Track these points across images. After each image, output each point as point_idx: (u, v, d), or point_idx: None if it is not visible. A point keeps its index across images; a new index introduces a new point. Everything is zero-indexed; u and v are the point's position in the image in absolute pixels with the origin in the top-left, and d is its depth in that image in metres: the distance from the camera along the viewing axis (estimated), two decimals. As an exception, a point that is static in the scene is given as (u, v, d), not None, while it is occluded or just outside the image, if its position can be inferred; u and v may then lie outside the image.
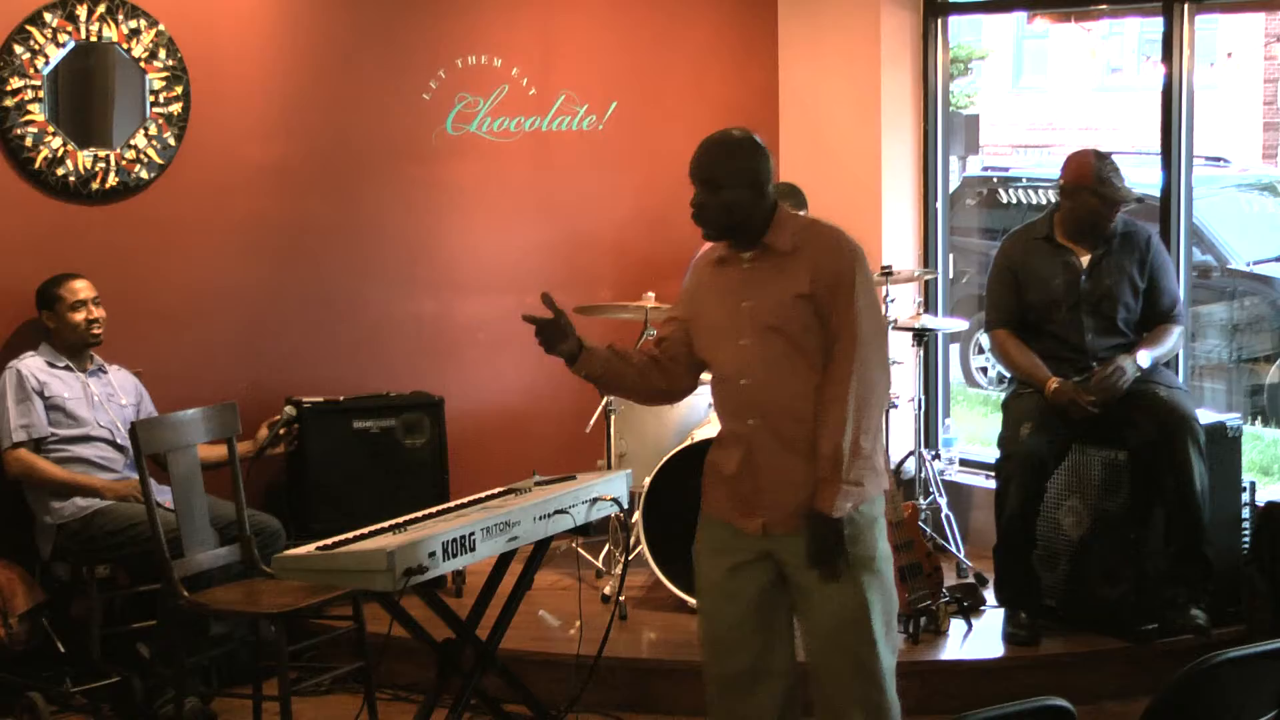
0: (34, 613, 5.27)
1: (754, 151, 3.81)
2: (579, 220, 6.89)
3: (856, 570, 3.71)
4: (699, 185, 3.79)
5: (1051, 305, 5.44)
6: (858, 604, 3.72)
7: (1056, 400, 5.29)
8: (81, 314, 5.43)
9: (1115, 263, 5.43)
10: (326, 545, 4.07)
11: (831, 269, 3.72)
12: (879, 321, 3.82)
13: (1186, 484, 5.18)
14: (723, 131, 3.85)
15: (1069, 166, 5.46)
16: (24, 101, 5.57)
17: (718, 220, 3.80)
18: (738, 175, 3.75)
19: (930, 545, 5.69)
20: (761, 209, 3.79)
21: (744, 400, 3.81)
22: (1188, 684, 2.85)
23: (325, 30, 6.29)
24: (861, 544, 3.71)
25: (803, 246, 3.76)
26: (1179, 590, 5.25)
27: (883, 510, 3.84)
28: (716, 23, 7.16)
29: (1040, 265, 5.46)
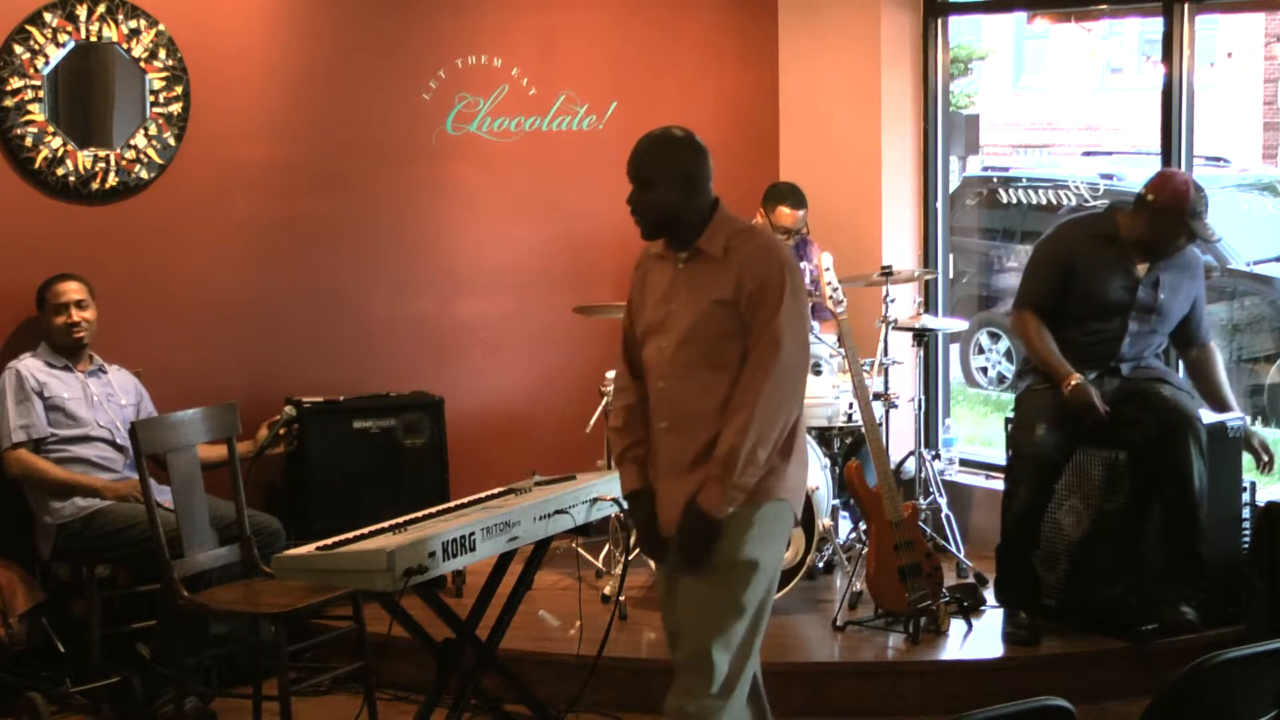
0: (34, 613, 5.28)
1: (690, 150, 3.80)
2: (579, 220, 6.89)
3: (727, 570, 3.72)
4: (633, 182, 3.80)
5: (1103, 305, 5.39)
6: (716, 600, 3.73)
7: (1074, 398, 5.24)
8: (62, 317, 5.42)
9: (1170, 280, 5.41)
10: (326, 545, 4.08)
11: (758, 278, 3.70)
12: (801, 337, 3.77)
13: (1186, 482, 5.18)
14: (663, 129, 3.84)
15: (1165, 187, 5.31)
16: (24, 101, 5.58)
17: (651, 218, 3.80)
18: (672, 173, 3.75)
19: (930, 545, 5.69)
20: (696, 209, 3.78)
21: (659, 402, 3.84)
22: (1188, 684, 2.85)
23: (325, 30, 6.29)
24: (742, 544, 3.71)
25: (734, 252, 3.74)
26: (1171, 588, 5.26)
27: (786, 522, 3.81)
28: (716, 23, 7.16)
29: (1101, 263, 5.39)
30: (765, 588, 3.79)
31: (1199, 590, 5.27)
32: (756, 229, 3.89)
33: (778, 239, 3.93)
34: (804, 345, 3.82)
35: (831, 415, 6.01)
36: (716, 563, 3.73)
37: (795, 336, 3.72)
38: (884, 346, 6.04)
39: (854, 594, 5.67)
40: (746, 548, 3.73)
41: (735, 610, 3.73)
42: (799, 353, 3.76)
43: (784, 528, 3.84)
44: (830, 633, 5.53)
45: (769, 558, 3.78)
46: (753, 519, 3.73)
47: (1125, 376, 5.41)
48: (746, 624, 3.75)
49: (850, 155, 7.02)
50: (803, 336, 3.79)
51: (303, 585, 4.62)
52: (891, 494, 5.43)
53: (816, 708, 5.19)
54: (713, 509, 3.67)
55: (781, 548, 3.89)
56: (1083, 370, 5.36)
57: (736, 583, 3.73)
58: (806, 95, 7.16)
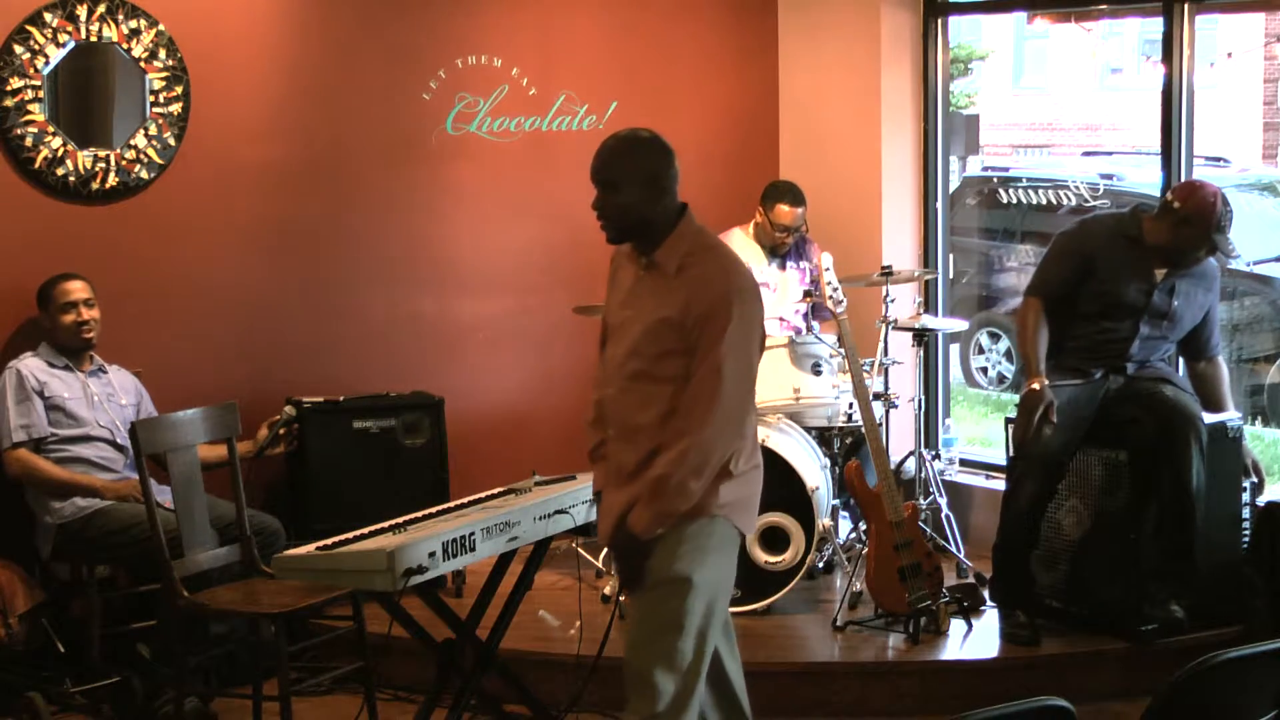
0: (34, 613, 5.27)
1: (655, 152, 3.75)
2: (579, 220, 6.79)
3: (662, 588, 3.70)
4: (597, 186, 3.76)
5: (1118, 305, 5.38)
6: (653, 618, 3.72)
7: (1028, 402, 5.19)
8: (71, 315, 5.42)
9: (1186, 289, 5.40)
10: (326, 545, 4.08)
11: (706, 302, 3.63)
12: (744, 367, 3.69)
13: (1184, 482, 5.17)
14: (627, 130, 3.79)
15: (1193, 196, 5.27)
16: (24, 101, 5.57)
17: (617, 222, 3.77)
18: (636, 176, 3.71)
19: (930, 545, 5.69)
20: (661, 213, 3.73)
21: (606, 409, 3.84)
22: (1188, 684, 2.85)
23: (325, 30, 6.29)
24: (673, 561, 3.68)
25: (687, 271, 3.68)
26: (1161, 585, 5.26)
27: (722, 538, 3.76)
28: (716, 23, 7.16)
29: (1121, 263, 5.36)
30: (704, 603, 3.72)
31: (1189, 590, 5.26)
32: (716, 247, 3.79)
33: (739, 259, 3.82)
34: (747, 374, 3.72)
35: (831, 415, 6.01)
36: (651, 581, 3.71)
37: (738, 366, 3.65)
38: (884, 346, 6.04)
39: (854, 594, 5.67)
40: (677, 565, 3.69)
41: (674, 628, 3.70)
42: (741, 382, 3.69)
43: (720, 544, 3.77)
44: (830, 633, 5.53)
45: (705, 574, 3.71)
46: (682, 536, 3.69)
47: (1130, 376, 5.41)
48: (688, 641, 3.70)
49: (850, 155, 7.02)
50: (746, 366, 3.70)
51: (303, 585, 4.62)
52: (891, 494, 5.43)
53: (816, 708, 5.20)
54: (640, 530, 3.66)
55: (720, 563, 3.80)
56: (1090, 369, 5.37)
57: (671, 599, 3.70)
58: (806, 95, 7.16)
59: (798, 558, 5.59)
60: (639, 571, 3.73)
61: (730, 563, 3.87)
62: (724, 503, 3.74)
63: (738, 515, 3.80)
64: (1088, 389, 5.38)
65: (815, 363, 5.94)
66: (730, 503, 3.76)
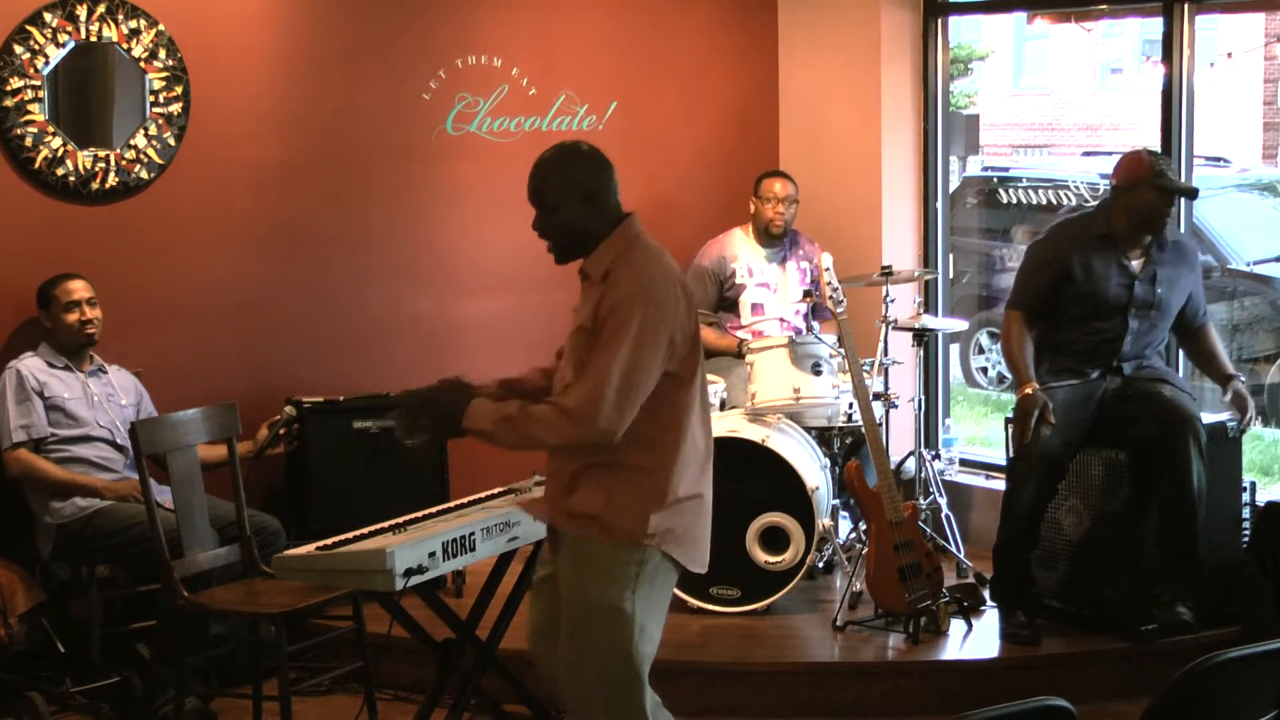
0: (34, 613, 5.27)
1: (589, 166, 3.70)
2: (579, 220, 6.88)
3: (598, 617, 3.63)
4: (535, 207, 3.71)
5: (1100, 306, 5.39)
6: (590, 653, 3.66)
7: (1023, 406, 5.22)
8: (75, 314, 5.42)
9: (1167, 275, 5.41)
10: (326, 545, 4.08)
11: (610, 302, 3.54)
12: (635, 379, 3.49)
13: (1184, 483, 5.17)
14: (559, 147, 3.74)
15: (1124, 165, 5.41)
16: (24, 101, 5.57)
17: (560, 242, 3.71)
18: (573, 193, 3.66)
19: (930, 545, 5.69)
20: (599, 225, 3.67)
21: None
22: (1188, 684, 2.85)
23: (325, 30, 6.29)
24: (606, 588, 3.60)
25: (611, 275, 3.60)
26: (1166, 587, 5.25)
27: (654, 568, 3.65)
28: (716, 23, 7.16)
29: (1096, 264, 5.39)
30: (636, 632, 3.63)
31: (1193, 591, 5.26)
32: (640, 254, 3.65)
33: (665, 272, 3.65)
34: (634, 374, 3.50)
35: (831, 415, 6.01)
36: (581, 604, 3.64)
37: (626, 373, 3.48)
38: (884, 346, 6.04)
39: (854, 594, 5.67)
40: (606, 591, 3.61)
41: (608, 658, 3.63)
42: (626, 380, 3.49)
43: (651, 573, 3.64)
44: (830, 633, 5.53)
45: (632, 604, 3.61)
46: (611, 562, 3.61)
47: (1127, 376, 5.41)
48: (623, 668, 3.63)
49: (850, 155, 7.02)
50: (637, 375, 3.50)
51: (303, 585, 4.61)
52: (891, 494, 5.43)
53: (816, 708, 5.20)
54: (469, 421, 3.64)
55: (650, 593, 3.65)
56: (1086, 369, 5.37)
57: (604, 630, 3.62)
58: (806, 95, 7.16)
59: (798, 558, 5.59)
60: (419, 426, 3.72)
61: (664, 597, 3.74)
62: (653, 530, 3.60)
63: (673, 545, 3.65)
64: (1084, 389, 5.38)
65: (815, 363, 5.94)
66: (662, 531, 3.61)
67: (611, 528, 3.62)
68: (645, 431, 3.59)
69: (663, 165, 7.07)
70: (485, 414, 3.65)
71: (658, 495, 3.62)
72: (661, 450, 3.63)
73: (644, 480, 3.62)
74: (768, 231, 6.59)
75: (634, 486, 3.62)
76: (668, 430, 3.64)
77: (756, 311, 6.65)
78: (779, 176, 6.63)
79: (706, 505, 3.75)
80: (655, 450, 3.62)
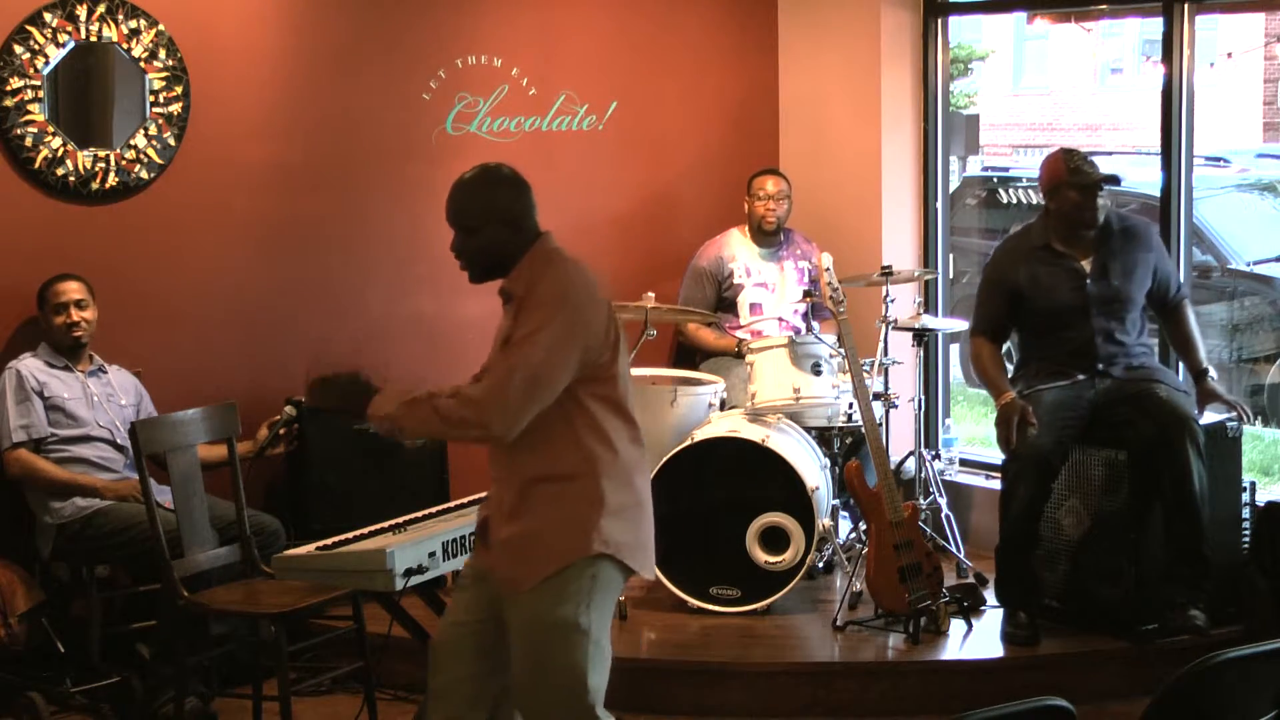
0: (34, 613, 5.27)
1: (508, 188, 3.71)
2: (579, 220, 6.87)
3: (552, 634, 3.59)
4: (455, 230, 3.72)
5: (1059, 313, 5.42)
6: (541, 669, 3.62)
7: (1003, 414, 5.30)
8: (62, 317, 5.41)
9: (1120, 263, 5.43)
10: (326, 545, 4.08)
11: (526, 306, 3.58)
12: (535, 371, 3.49)
13: (1185, 485, 5.17)
14: (477, 171, 3.74)
15: (1042, 171, 5.52)
16: (24, 101, 5.57)
17: (478, 264, 3.73)
18: (494, 216, 3.67)
19: (930, 545, 5.68)
20: (520, 246, 3.69)
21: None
22: (1188, 684, 2.85)
23: (325, 30, 6.29)
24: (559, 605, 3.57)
25: (530, 290, 3.62)
26: (1177, 590, 5.24)
27: (604, 578, 3.62)
28: (716, 23, 7.16)
29: (1043, 275, 5.46)
30: (593, 645, 3.62)
31: (1204, 592, 5.25)
32: (556, 268, 3.66)
33: (584, 281, 3.67)
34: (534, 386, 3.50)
35: (831, 415, 6.01)
36: (535, 625, 3.60)
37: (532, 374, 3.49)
38: (884, 346, 6.04)
39: (854, 594, 5.67)
40: (561, 608, 3.58)
41: (567, 676, 3.61)
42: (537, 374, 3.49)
43: (604, 584, 3.63)
44: (830, 633, 5.53)
45: (588, 618, 3.59)
46: (565, 577, 3.58)
47: (1118, 377, 5.40)
48: (582, 683, 3.62)
49: (850, 155, 7.02)
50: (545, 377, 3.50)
51: (303, 585, 4.62)
52: (891, 494, 5.43)
53: (816, 708, 5.20)
54: (379, 413, 3.60)
55: (604, 605, 3.64)
56: (1069, 371, 5.39)
57: (560, 648, 3.59)
58: (806, 95, 7.16)
59: (798, 558, 5.59)
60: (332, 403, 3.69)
61: (612, 606, 3.72)
62: (607, 541, 3.59)
63: (629, 555, 3.65)
64: (1072, 389, 5.39)
65: (815, 363, 5.94)
66: (616, 543, 3.60)
67: (559, 545, 3.59)
68: (573, 442, 3.60)
69: (662, 165, 7.08)
70: (392, 397, 3.64)
71: (595, 503, 3.60)
72: (592, 459, 3.61)
73: (579, 491, 3.61)
74: (760, 229, 6.63)
75: (572, 499, 3.61)
76: (595, 438, 3.63)
77: (755, 311, 6.65)
78: (770, 174, 6.70)
79: (649, 511, 3.75)
80: (585, 460, 3.61)
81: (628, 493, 3.66)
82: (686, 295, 6.73)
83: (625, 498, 3.65)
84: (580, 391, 3.59)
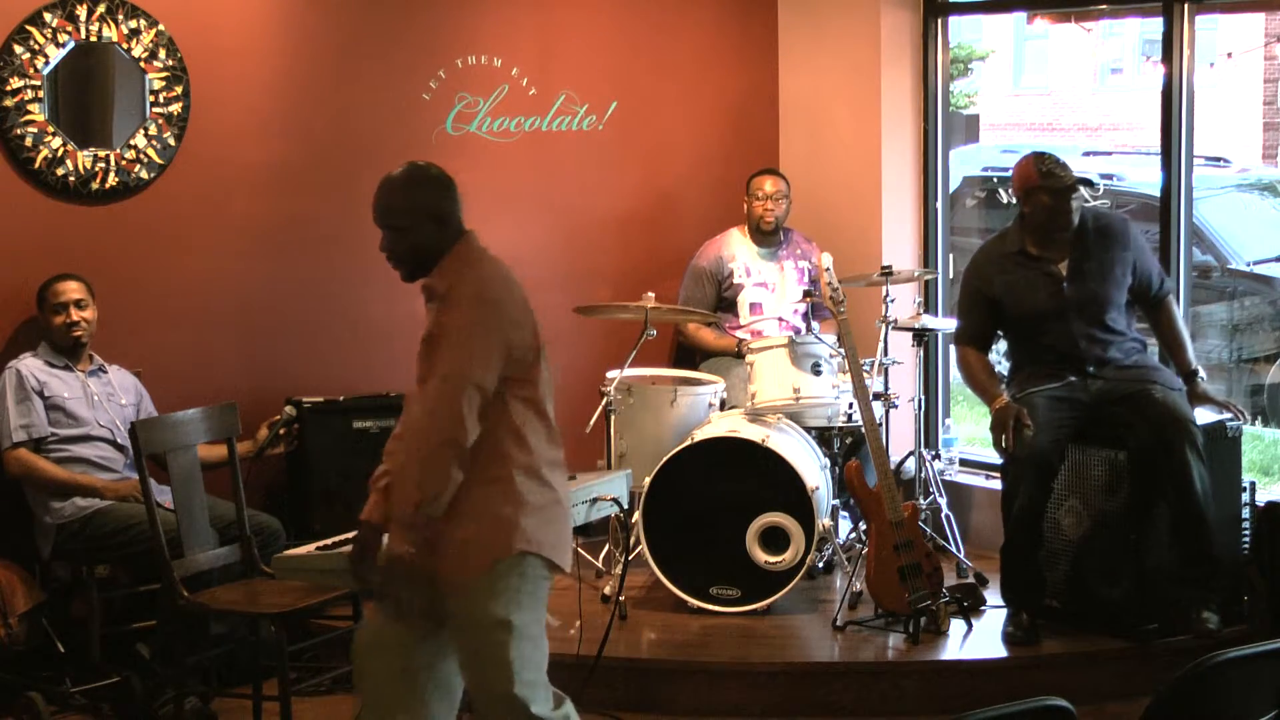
0: (34, 613, 5.27)
1: (433, 187, 3.77)
2: (579, 220, 6.89)
3: (482, 633, 3.67)
4: (382, 230, 3.77)
5: (1038, 319, 5.43)
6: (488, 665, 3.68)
7: (998, 419, 5.31)
8: (61, 316, 5.42)
9: (1096, 263, 5.41)
10: (326, 545, 4.08)
11: (445, 309, 3.67)
12: (464, 372, 3.60)
13: (1188, 490, 5.15)
14: (404, 169, 3.79)
15: (1014, 176, 5.51)
16: (24, 101, 5.57)
17: (408, 263, 3.79)
18: (421, 214, 3.73)
19: (930, 545, 5.68)
20: (446, 243, 3.75)
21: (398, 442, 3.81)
22: (1188, 684, 2.85)
23: (325, 30, 6.29)
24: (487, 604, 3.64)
25: (452, 289, 3.70)
26: (1188, 593, 5.21)
27: (530, 573, 3.69)
28: (716, 23, 7.16)
29: (1018, 281, 5.46)
30: (529, 642, 3.69)
31: (1216, 591, 5.23)
32: (475, 269, 3.75)
33: (504, 280, 3.81)
34: (460, 380, 3.60)
35: (831, 415, 6.01)
36: (468, 626, 3.67)
37: (455, 370, 3.60)
38: (884, 346, 6.04)
39: (854, 594, 5.67)
40: (492, 606, 3.64)
41: (505, 674, 3.65)
42: (457, 387, 3.59)
43: (531, 581, 3.70)
44: (830, 633, 5.53)
45: (519, 616, 3.66)
46: (493, 576, 3.65)
47: (1109, 378, 5.39)
48: (524, 679, 3.67)
49: (850, 155, 7.02)
50: (465, 370, 3.61)
51: (303, 585, 4.62)
52: (891, 494, 5.43)
53: (816, 708, 5.20)
54: (398, 551, 3.61)
55: (534, 601, 3.73)
56: (1059, 373, 5.39)
57: (494, 646, 3.66)
58: (806, 95, 7.16)
59: (798, 558, 5.59)
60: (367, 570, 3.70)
61: (544, 599, 3.79)
62: (533, 539, 3.67)
63: (550, 550, 3.72)
64: (1065, 389, 5.40)
65: (815, 363, 5.94)
66: (538, 540, 3.68)
67: (485, 546, 3.66)
68: (493, 444, 3.67)
69: (662, 165, 7.07)
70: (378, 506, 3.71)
71: (516, 503, 3.67)
72: (510, 460, 3.69)
73: (500, 492, 3.68)
74: (759, 229, 6.64)
75: (495, 501, 3.67)
76: (513, 440, 3.70)
77: (755, 311, 6.66)
78: (769, 174, 6.70)
79: (567, 508, 3.85)
80: (504, 462, 3.69)
81: (546, 491, 3.74)
82: (686, 295, 6.73)
83: (544, 496, 3.73)
84: (506, 392, 3.69)
